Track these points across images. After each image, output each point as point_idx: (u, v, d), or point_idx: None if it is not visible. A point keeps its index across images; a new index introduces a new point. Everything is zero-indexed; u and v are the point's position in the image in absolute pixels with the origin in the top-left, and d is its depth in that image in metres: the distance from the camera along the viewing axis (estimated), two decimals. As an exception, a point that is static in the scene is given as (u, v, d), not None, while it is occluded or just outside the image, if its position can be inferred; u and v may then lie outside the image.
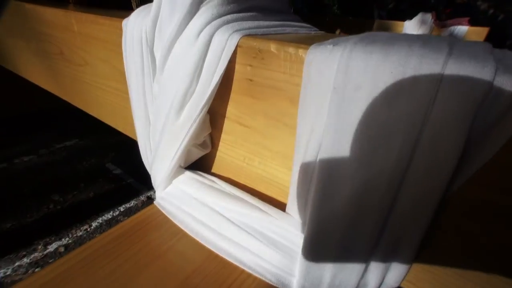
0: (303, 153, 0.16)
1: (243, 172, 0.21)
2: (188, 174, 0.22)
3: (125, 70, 0.25)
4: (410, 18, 1.35)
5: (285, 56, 0.16)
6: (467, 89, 0.11)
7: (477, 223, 0.13)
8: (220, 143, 0.22)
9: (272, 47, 0.16)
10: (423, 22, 1.25)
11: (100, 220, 2.39)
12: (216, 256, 0.18)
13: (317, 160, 0.15)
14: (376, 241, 0.15)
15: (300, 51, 0.15)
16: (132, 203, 2.64)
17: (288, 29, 0.22)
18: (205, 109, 0.19)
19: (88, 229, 2.32)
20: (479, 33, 1.18)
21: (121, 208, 2.56)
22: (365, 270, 0.16)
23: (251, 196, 0.20)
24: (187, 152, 0.22)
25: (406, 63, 0.12)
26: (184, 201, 0.21)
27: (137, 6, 0.66)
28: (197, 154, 0.23)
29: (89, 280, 0.16)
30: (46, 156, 3.05)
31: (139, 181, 2.90)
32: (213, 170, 0.24)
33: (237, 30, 0.18)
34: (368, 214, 0.14)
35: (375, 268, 0.16)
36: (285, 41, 0.16)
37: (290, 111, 0.17)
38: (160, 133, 0.22)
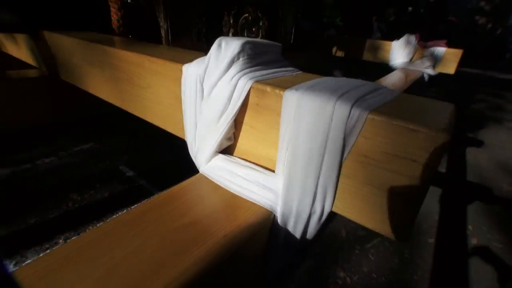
0: (282, 143, 0.32)
1: (251, 154, 0.38)
2: (221, 156, 0.39)
3: (182, 94, 0.42)
4: (411, 31, 1.52)
5: (274, 94, 0.32)
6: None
7: (354, 170, 0.29)
8: (239, 137, 0.39)
9: (268, 89, 0.33)
10: (408, 43, 1.41)
11: (114, 217, 2.59)
12: (237, 196, 0.35)
13: (288, 147, 0.31)
14: (317, 185, 0.31)
15: (281, 92, 0.32)
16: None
17: (280, 74, 0.38)
18: (233, 118, 0.36)
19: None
20: (455, 54, 1.34)
21: (133, 207, 2.74)
22: (313, 202, 0.32)
23: (256, 165, 0.37)
24: (220, 143, 0.39)
25: (323, 107, 0.28)
26: (219, 170, 0.38)
27: (166, 40, 0.84)
28: (226, 144, 0.40)
29: (157, 227, 0.33)
30: (65, 158, 3.28)
31: (150, 183, 3.09)
32: (234, 154, 0.41)
33: (251, 78, 0.34)
34: (311, 173, 0.31)
35: (318, 200, 0.32)
36: (275, 85, 0.33)
37: (278, 121, 0.33)
38: (205, 132, 0.38)
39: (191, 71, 0.39)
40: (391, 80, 1.15)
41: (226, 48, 0.35)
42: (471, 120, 5.16)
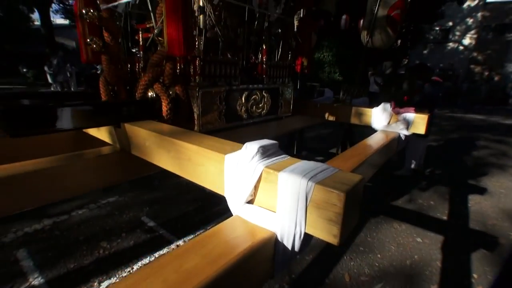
0: (280, 197, 0.66)
1: (262, 202, 0.71)
2: (246, 204, 0.72)
3: (225, 168, 0.76)
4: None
5: (274, 173, 0.66)
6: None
7: (311, 209, 0.62)
8: (257, 194, 0.72)
9: (271, 171, 0.67)
10: (384, 110, 1.77)
11: (139, 263, 2.88)
12: (256, 226, 0.67)
13: (282, 200, 0.64)
14: (296, 218, 0.63)
15: (277, 173, 0.66)
16: (165, 250, 3.15)
17: (278, 160, 0.72)
18: (253, 185, 0.70)
19: (131, 271, 2.83)
20: (423, 118, 1.69)
21: (156, 255, 3.04)
22: (295, 226, 0.64)
23: (264, 208, 0.70)
24: (247, 198, 0.72)
25: (298, 181, 0.61)
26: (248, 213, 0.71)
27: (198, 121, 1.18)
28: (249, 198, 0.73)
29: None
30: (95, 210, 3.66)
31: (169, 232, 3.42)
32: (254, 203, 0.74)
33: (263, 164, 0.69)
34: (293, 213, 0.63)
35: (298, 226, 0.64)
36: (274, 169, 0.67)
37: (277, 187, 0.67)
38: (238, 191, 0.72)
39: (231, 159, 0.74)
40: (376, 139, 1.49)
41: (249, 149, 0.71)
42: (473, 167, 5.37)
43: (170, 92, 1.35)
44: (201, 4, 1.44)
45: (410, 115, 1.72)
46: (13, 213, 0.99)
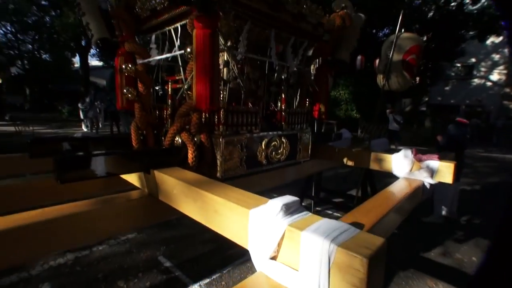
0: (302, 255, 0.68)
1: (285, 260, 0.73)
2: (270, 260, 0.74)
3: (249, 223, 0.79)
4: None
5: (297, 232, 0.69)
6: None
7: (333, 270, 0.63)
8: (280, 251, 0.74)
9: (293, 229, 0.70)
10: (405, 156, 1.75)
11: None
12: (280, 285, 0.69)
13: (304, 260, 0.66)
14: (319, 275, 0.65)
15: (299, 232, 0.68)
16: (181, 294, 3.03)
17: (300, 217, 0.75)
18: (277, 242, 0.72)
19: (147, 314, 2.75)
20: (449, 166, 1.59)
21: None
22: (319, 284, 0.65)
23: (288, 266, 0.71)
24: (271, 254, 0.74)
25: (320, 241, 0.64)
26: (272, 270, 0.73)
27: (221, 169, 1.23)
28: (273, 254, 0.75)
29: None
30: (115, 246, 3.69)
31: (185, 274, 3.38)
32: (278, 260, 0.76)
33: (288, 223, 0.72)
34: (316, 273, 0.65)
35: (321, 282, 0.65)
36: (297, 227, 0.69)
37: (299, 245, 0.69)
38: (263, 246, 0.74)
39: (255, 215, 0.78)
40: (398, 187, 1.46)
41: (273, 206, 0.75)
42: None
43: (195, 139, 1.44)
44: (225, 58, 1.58)
45: (434, 162, 1.65)
46: (48, 254, 1.06)
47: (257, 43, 1.75)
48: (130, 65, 1.63)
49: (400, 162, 1.75)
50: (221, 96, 1.40)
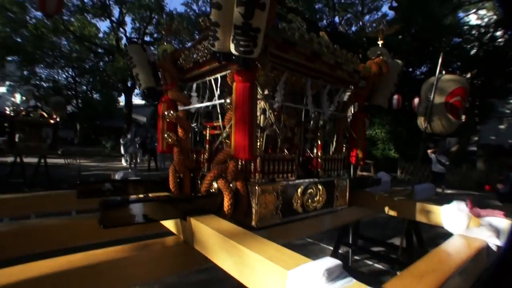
0: None
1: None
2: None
3: (287, 286, 0.75)
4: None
5: None
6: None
7: None
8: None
9: None
10: (459, 210, 1.52)
11: None
12: None
13: None
14: None
15: None
16: None
17: (342, 285, 0.69)
18: None
19: None
20: None
21: None
22: None
23: None
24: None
25: None
26: None
27: (256, 217, 1.21)
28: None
29: None
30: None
31: None
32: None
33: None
34: None
35: None
36: None
37: None
38: None
39: (294, 278, 0.74)
40: (455, 247, 1.23)
41: (313, 271, 0.70)
42: None
43: (231, 185, 1.45)
44: (262, 106, 1.62)
45: (499, 220, 1.38)
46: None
47: (293, 90, 1.79)
48: (172, 112, 1.73)
49: (453, 216, 1.54)
50: (258, 143, 1.42)
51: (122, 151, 11.96)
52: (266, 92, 1.57)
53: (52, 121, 7.39)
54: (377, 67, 1.93)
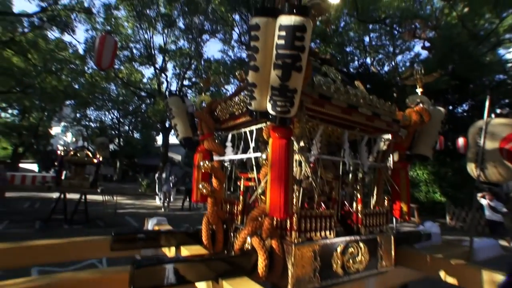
0: None
1: None
2: None
3: None
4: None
5: None
6: None
7: None
8: None
9: None
10: None
11: None
12: None
13: None
14: None
15: None
16: None
17: None
18: None
19: None
20: None
21: None
22: None
23: None
24: None
25: None
26: None
27: (292, 280, 1.12)
28: None
29: None
30: None
31: None
32: None
33: None
34: None
35: None
36: None
37: None
38: None
39: None
40: None
41: None
42: None
43: (265, 242, 1.37)
44: (297, 158, 1.58)
45: None
46: None
47: (329, 141, 1.75)
48: (207, 162, 1.74)
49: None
50: (294, 199, 1.35)
51: (157, 190, 12.32)
52: (301, 144, 1.54)
53: (95, 160, 7.92)
54: (417, 116, 1.84)
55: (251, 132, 1.70)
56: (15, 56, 14.98)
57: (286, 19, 0.99)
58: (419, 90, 1.95)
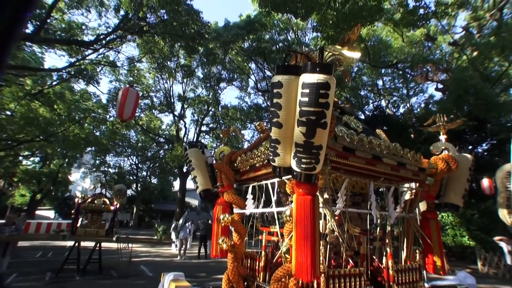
0: None
1: None
2: None
3: None
4: None
5: None
6: None
7: None
8: None
9: None
10: None
11: None
12: None
13: None
14: None
15: None
16: None
17: None
18: None
19: None
20: None
21: None
22: None
23: None
24: None
25: None
26: None
27: None
28: None
29: None
30: None
31: None
32: None
33: None
34: None
35: None
36: None
37: None
38: None
39: None
40: None
41: None
42: None
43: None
44: (321, 211, 1.52)
45: None
46: None
47: (354, 192, 1.69)
48: (227, 216, 1.70)
49: None
50: (321, 257, 1.27)
51: (173, 237, 12.03)
52: (325, 195, 1.49)
53: (112, 208, 7.94)
54: (444, 164, 1.78)
55: (272, 184, 1.68)
56: (42, 107, 15.91)
57: (309, 77, 1.03)
58: (442, 137, 1.91)
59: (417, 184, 1.80)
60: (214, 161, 2.19)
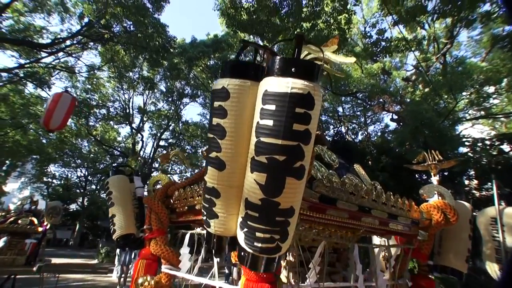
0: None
1: None
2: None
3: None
4: None
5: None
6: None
7: None
8: None
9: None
10: None
11: None
12: None
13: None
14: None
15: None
16: None
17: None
18: None
19: None
20: None
21: None
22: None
23: None
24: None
25: None
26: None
27: None
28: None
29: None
30: None
31: None
32: None
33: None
34: None
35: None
36: None
37: None
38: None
39: None
40: None
41: None
42: None
43: None
44: None
45: None
46: None
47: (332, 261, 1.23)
48: (148, 279, 1.14)
49: None
50: None
51: (116, 262, 10.61)
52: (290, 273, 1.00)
53: (41, 229, 6.71)
54: (440, 214, 1.39)
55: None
56: (-22, 109, 14.22)
57: (277, 83, 0.56)
58: (434, 179, 1.55)
59: (406, 240, 1.39)
60: (146, 194, 1.61)
